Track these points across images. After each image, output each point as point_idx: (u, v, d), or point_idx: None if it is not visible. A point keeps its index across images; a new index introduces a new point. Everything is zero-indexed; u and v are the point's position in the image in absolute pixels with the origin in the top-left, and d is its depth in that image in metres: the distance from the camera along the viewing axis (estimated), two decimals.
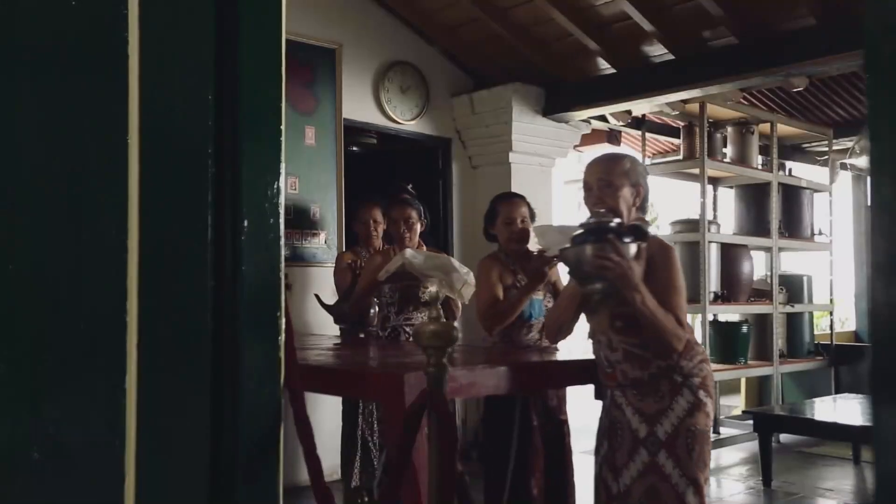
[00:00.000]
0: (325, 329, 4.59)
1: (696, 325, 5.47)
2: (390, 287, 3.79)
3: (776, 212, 6.16)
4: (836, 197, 6.95)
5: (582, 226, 2.19)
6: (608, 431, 2.32)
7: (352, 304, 3.90)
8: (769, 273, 6.24)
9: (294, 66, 4.68)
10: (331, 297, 4.93)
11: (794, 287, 6.53)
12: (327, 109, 4.98)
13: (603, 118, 5.93)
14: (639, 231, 2.23)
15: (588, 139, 6.36)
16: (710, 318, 5.76)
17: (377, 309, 3.82)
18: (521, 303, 3.15)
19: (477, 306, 3.34)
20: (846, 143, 6.95)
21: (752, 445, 5.09)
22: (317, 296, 4.39)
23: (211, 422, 0.99)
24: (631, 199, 2.31)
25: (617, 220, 2.19)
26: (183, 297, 0.98)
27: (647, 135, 6.16)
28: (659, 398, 2.22)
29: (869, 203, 0.56)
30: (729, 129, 6.16)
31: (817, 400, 5.82)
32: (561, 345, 2.78)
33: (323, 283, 4.89)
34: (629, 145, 7.43)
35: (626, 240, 2.15)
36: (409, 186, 5.02)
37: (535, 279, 3.12)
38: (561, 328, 2.47)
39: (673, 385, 2.22)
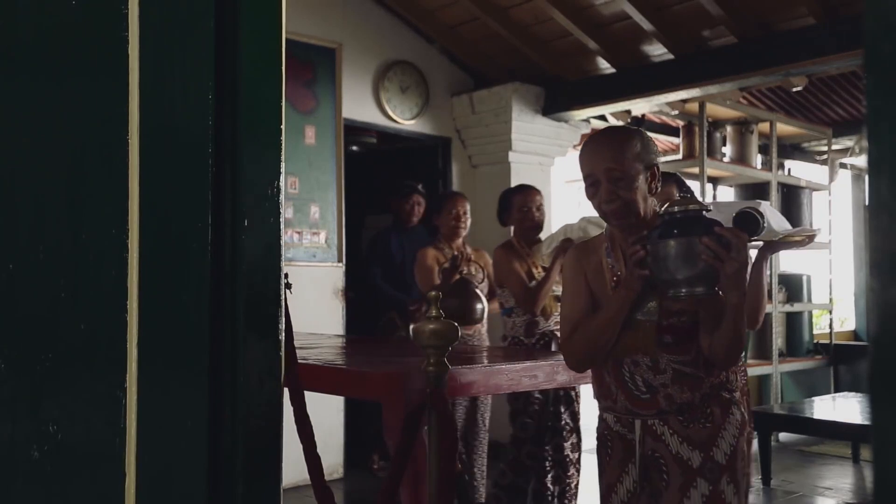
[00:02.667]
0: (325, 329, 4.59)
1: None
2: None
3: None
4: (835, 196, 6.95)
5: (667, 214, 1.74)
6: (645, 469, 1.89)
7: (524, 300, 3.55)
8: (768, 272, 6.23)
9: (294, 65, 4.68)
10: (331, 297, 4.94)
11: (793, 286, 6.53)
12: (327, 109, 4.98)
13: (602, 118, 5.93)
14: (750, 220, 1.90)
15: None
16: None
17: (485, 304, 3.62)
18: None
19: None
20: (845, 142, 6.96)
21: (752, 444, 5.08)
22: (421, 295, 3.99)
23: (211, 421, 0.99)
24: (646, 188, 1.88)
25: (708, 207, 1.78)
26: (183, 297, 0.99)
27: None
28: (709, 421, 1.86)
29: (867, 202, 0.56)
30: (728, 128, 6.16)
31: (816, 399, 5.82)
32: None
33: (323, 283, 4.90)
34: None
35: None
36: (420, 186, 5.04)
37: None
38: (597, 353, 1.90)
39: (723, 403, 1.89)
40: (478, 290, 3.64)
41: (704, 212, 1.74)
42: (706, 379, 1.86)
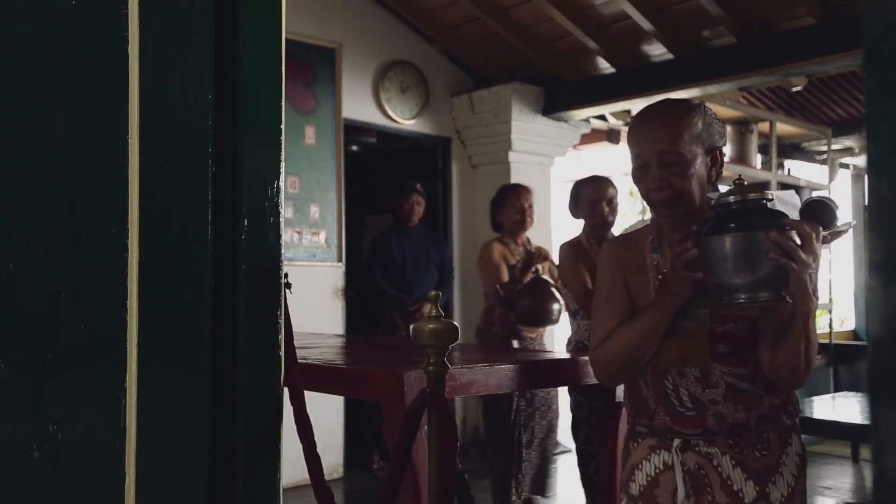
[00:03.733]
0: (325, 329, 4.60)
1: None
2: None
3: None
4: (835, 196, 6.95)
5: (721, 205, 1.46)
6: (682, 475, 1.58)
7: (586, 304, 3.15)
8: None
9: (294, 65, 4.68)
10: (331, 297, 4.94)
11: None
12: (327, 109, 4.98)
13: (602, 117, 5.93)
14: (824, 210, 1.56)
15: (587, 138, 6.36)
16: None
17: (562, 304, 3.39)
18: None
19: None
20: (845, 142, 6.96)
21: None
22: (498, 287, 3.70)
23: (211, 421, 0.99)
24: (705, 174, 1.58)
25: (769, 197, 1.48)
26: (183, 297, 0.99)
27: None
28: (765, 449, 1.57)
29: (867, 202, 0.56)
30: (728, 128, 6.16)
31: (816, 398, 5.82)
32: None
33: (323, 283, 4.90)
34: None
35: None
36: (418, 185, 5.05)
37: None
38: (633, 366, 1.62)
39: (782, 430, 1.59)
40: (554, 290, 3.39)
41: (766, 201, 1.45)
42: (765, 398, 1.56)
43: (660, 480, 1.60)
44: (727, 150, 6.16)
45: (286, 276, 1.12)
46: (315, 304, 4.73)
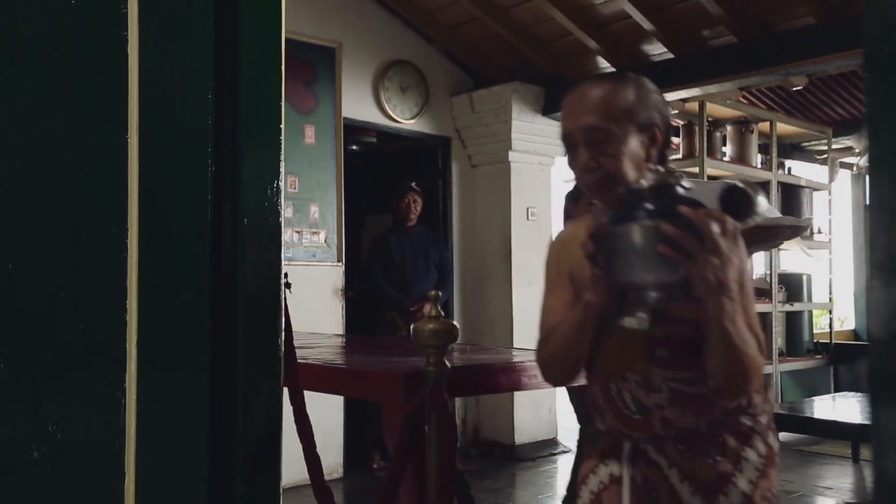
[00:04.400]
0: (325, 328, 4.60)
1: None
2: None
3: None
4: (835, 196, 6.95)
5: (631, 192, 1.31)
6: (628, 491, 1.45)
7: None
8: (768, 272, 6.24)
9: (294, 65, 4.68)
10: (331, 297, 4.94)
11: (793, 286, 6.53)
12: (327, 108, 4.98)
13: None
14: (740, 199, 1.31)
15: None
16: None
17: None
18: None
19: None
20: (845, 142, 6.96)
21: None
22: None
23: (211, 421, 0.99)
24: (643, 153, 1.43)
25: (688, 183, 1.31)
26: (182, 297, 0.99)
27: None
28: (720, 454, 1.42)
29: (868, 202, 0.56)
30: (728, 127, 6.16)
31: (816, 398, 5.82)
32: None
33: (323, 283, 4.90)
34: None
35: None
36: (413, 184, 5.05)
37: None
38: (568, 368, 1.50)
39: (741, 433, 1.44)
40: None
41: (679, 188, 1.28)
42: (717, 402, 1.41)
43: (602, 498, 1.47)
44: (727, 149, 6.17)
45: (286, 276, 1.12)
46: (315, 304, 4.73)
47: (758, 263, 6.45)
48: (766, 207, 2.08)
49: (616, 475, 1.47)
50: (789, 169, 6.82)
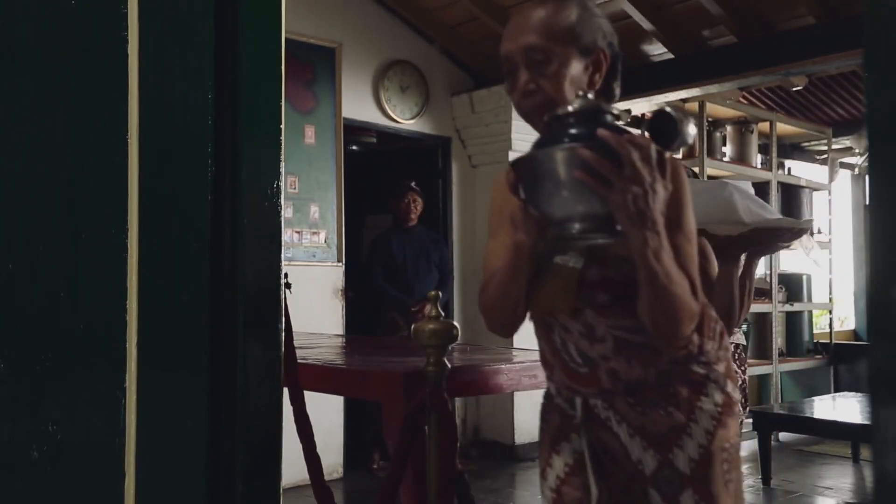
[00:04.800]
0: (325, 329, 4.60)
1: None
2: None
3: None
4: (835, 196, 6.96)
5: (553, 117, 1.20)
6: (590, 463, 1.39)
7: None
8: (768, 272, 6.24)
9: (294, 65, 4.68)
10: (331, 297, 4.94)
11: (793, 286, 6.54)
12: (327, 108, 4.98)
13: None
14: (664, 123, 1.17)
15: None
16: None
17: None
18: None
19: None
20: (845, 141, 6.96)
21: (752, 444, 5.09)
22: None
23: (211, 421, 0.99)
24: (586, 79, 1.36)
25: (618, 110, 1.22)
26: (182, 297, 0.99)
27: (647, 134, 6.15)
28: (672, 405, 1.34)
29: (868, 202, 0.56)
30: (728, 127, 6.16)
31: (816, 398, 5.82)
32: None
33: (323, 283, 4.90)
34: None
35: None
36: (413, 184, 5.05)
37: None
38: (506, 312, 1.39)
39: (694, 382, 1.35)
40: None
41: (608, 115, 1.18)
42: (664, 351, 1.32)
43: (563, 493, 1.41)
44: (727, 149, 6.17)
45: (286, 276, 1.12)
46: (315, 304, 4.73)
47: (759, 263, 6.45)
48: (765, 208, 2.00)
49: (570, 464, 1.41)
50: (789, 169, 6.82)
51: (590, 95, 1.20)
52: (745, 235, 1.98)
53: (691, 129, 1.19)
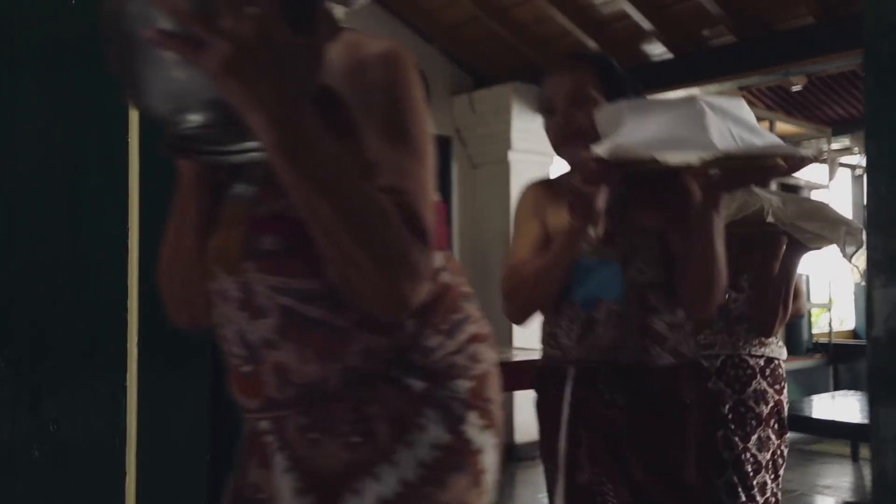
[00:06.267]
0: None
1: None
2: None
3: None
4: (834, 195, 6.95)
5: None
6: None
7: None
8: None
9: None
10: None
11: None
12: None
13: None
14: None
15: None
16: None
17: None
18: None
19: None
20: (845, 141, 6.96)
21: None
22: None
23: (211, 420, 0.99)
24: None
25: None
26: None
27: None
28: (361, 433, 0.82)
29: (866, 202, 0.56)
30: None
31: (815, 397, 5.82)
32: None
33: None
34: None
35: None
36: None
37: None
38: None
39: (397, 401, 0.86)
40: None
41: None
42: (358, 335, 0.85)
43: None
44: None
45: None
46: None
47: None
48: (756, 131, 1.43)
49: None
50: None
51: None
52: (727, 169, 1.40)
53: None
